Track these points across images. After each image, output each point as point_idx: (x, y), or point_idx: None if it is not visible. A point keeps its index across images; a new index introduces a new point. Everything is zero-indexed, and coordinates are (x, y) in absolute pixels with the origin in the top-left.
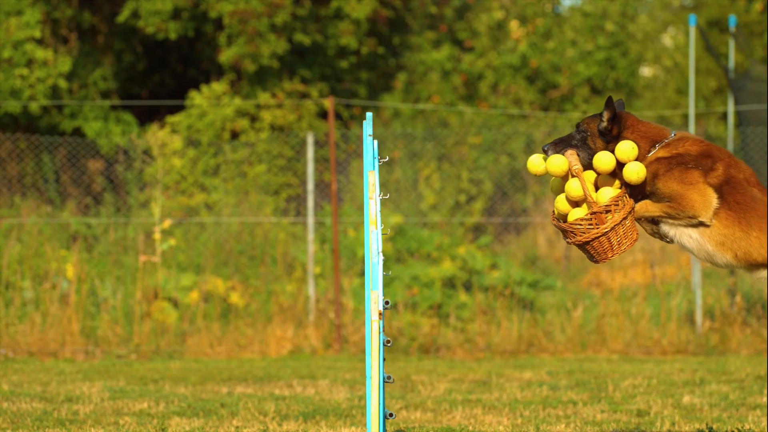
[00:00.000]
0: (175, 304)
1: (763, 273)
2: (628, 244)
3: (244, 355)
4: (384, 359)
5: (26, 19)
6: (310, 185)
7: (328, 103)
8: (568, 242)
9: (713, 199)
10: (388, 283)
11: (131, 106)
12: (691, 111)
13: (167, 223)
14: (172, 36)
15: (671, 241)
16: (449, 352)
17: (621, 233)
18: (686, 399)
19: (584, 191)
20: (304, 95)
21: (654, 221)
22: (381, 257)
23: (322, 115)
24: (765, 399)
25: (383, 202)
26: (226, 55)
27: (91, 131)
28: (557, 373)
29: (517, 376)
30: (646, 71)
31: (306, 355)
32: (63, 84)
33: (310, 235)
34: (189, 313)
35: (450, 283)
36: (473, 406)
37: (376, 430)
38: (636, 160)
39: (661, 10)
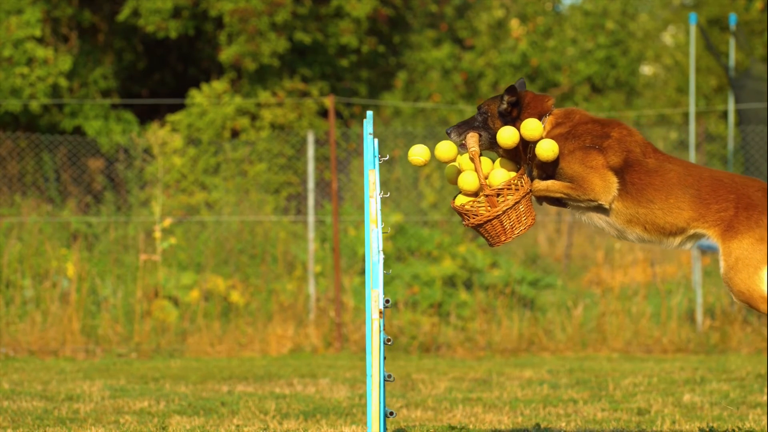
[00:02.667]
0: (175, 302)
1: (675, 240)
2: (522, 228)
3: (245, 354)
4: (384, 358)
5: (26, 18)
6: (311, 184)
7: (329, 101)
8: (464, 225)
9: (614, 185)
10: (388, 281)
11: (132, 104)
12: (692, 109)
13: (168, 222)
14: (173, 35)
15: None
16: (450, 350)
17: (514, 217)
18: (687, 397)
19: (477, 174)
20: (305, 94)
21: (558, 201)
22: (381, 256)
23: (323, 113)
24: (765, 397)
25: (384, 201)
26: (226, 54)
27: (91, 130)
28: (558, 372)
29: (518, 374)
30: (646, 70)
31: (306, 354)
32: (63, 83)
33: (311, 234)
34: (189, 311)
35: (450, 282)
36: (474, 405)
37: (376, 429)
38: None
39: (661, 9)
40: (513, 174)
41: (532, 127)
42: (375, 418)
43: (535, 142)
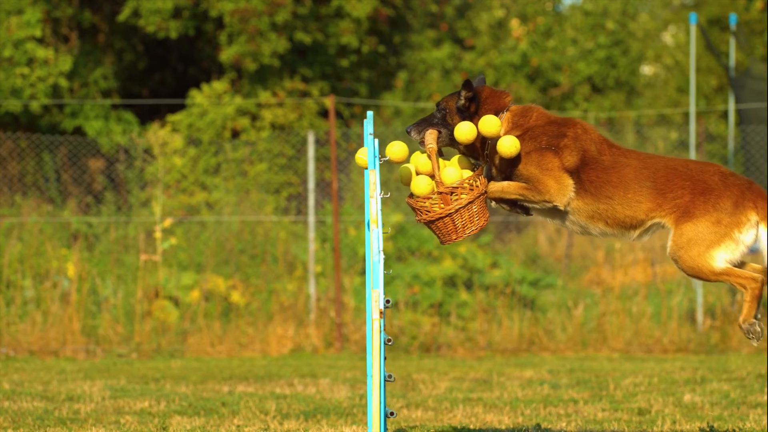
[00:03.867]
0: (176, 302)
1: (636, 232)
2: (473, 229)
3: (245, 354)
4: (385, 358)
5: (27, 18)
6: (311, 184)
7: (329, 101)
8: (416, 220)
9: (569, 187)
10: (388, 281)
11: (132, 105)
12: (692, 109)
13: (168, 222)
14: (173, 35)
15: (531, 214)
16: (450, 350)
17: (466, 217)
18: (687, 397)
19: (433, 171)
20: (305, 94)
21: (513, 204)
22: (382, 256)
23: (323, 113)
24: (766, 397)
25: (384, 201)
26: (226, 54)
27: (91, 130)
28: (558, 372)
29: (518, 374)
30: (646, 69)
31: (307, 354)
32: (64, 83)
33: (311, 234)
34: (190, 311)
35: (451, 282)
36: (474, 405)
37: (377, 429)
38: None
39: (661, 9)
40: (468, 173)
41: (489, 123)
42: (375, 418)
43: (493, 140)
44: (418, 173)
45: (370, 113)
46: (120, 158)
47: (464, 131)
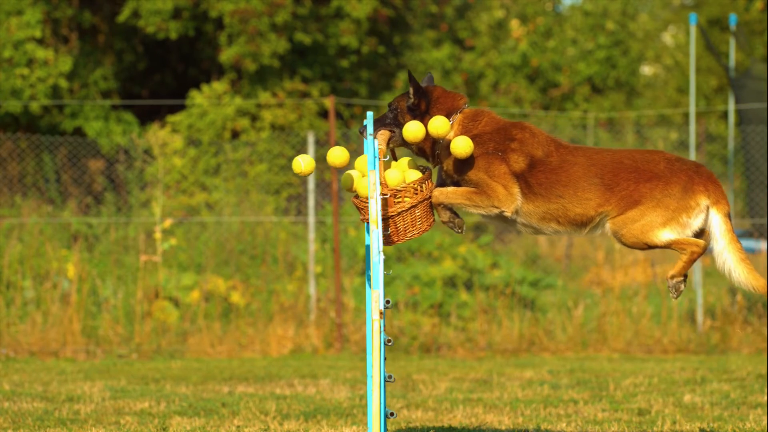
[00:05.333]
0: (176, 303)
1: (587, 228)
2: (415, 232)
3: (245, 355)
4: (385, 358)
5: (27, 19)
6: (311, 184)
7: (329, 102)
8: (360, 219)
9: (516, 194)
10: (389, 282)
11: (132, 105)
12: (692, 110)
13: (168, 223)
14: (173, 35)
15: (461, 231)
16: (450, 351)
17: (408, 220)
18: (687, 398)
19: (379, 171)
20: (305, 94)
21: (452, 209)
22: (382, 256)
23: (323, 114)
24: (766, 398)
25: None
26: (226, 55)
27: (91, 131)
28: (558, 372)
29: (518, 375)
30: (646, 70)
31: (307, 355)
32: (64, 84)
33: (311, 235)
34: (190, 312)
35: (451, 282)
36: (474, 405)
37: (377, 429)
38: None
39: (661, 9)
40: (418, 174)
41: (437, 124)
42: (375, 418)
43: (443, 141)
44: (363, 174)
45: (370, 114)
46: (120, 159)
47: (412, 131)
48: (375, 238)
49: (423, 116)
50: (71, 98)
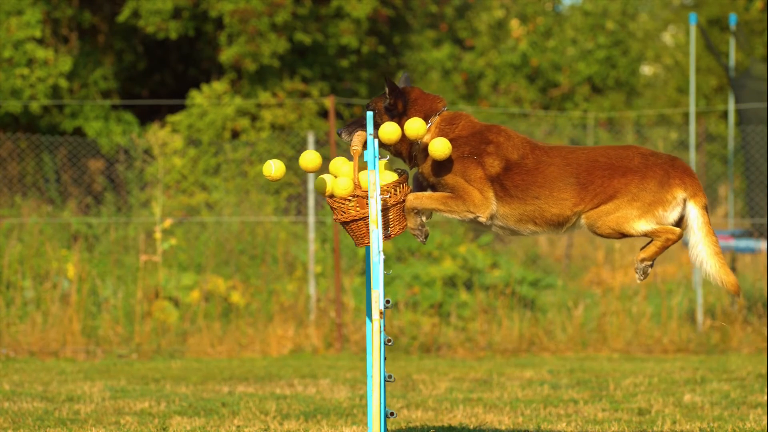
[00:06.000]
0: (176, 303)
1: (564, 227)
2: (386, 234)
3: (245, 355)
4: (385, 358)
5: (27, 19)
6: (311, 184)
7: (329, 102)
8: (333, 219)
9: (491, 199)
10: (389, 282)
11: (132, 105)
12: (692, 109)
13: (168, 223)
14: (173, 35)
15: (425, 241)
16: (450, 351)
17: (381, 222)
18: (687, 397)
19: (354, 172)
20: (305, 94)
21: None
22: (382, 256)
23: (323, 114)
24: (766, 397)
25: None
26: (226, 55)
27: (91, 131)
28: (558, 372)
29: (518, 374)
30: (646, 70)
31: (307, 355)
32: (63, 83)
33: (311, 234)
34: (190, 312)
35: (451, 282)
36: (474, 405)
37: (377, 429)
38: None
39: (661, 9)
40: (395, 176)
41: (414, 126)
42: (375, 418)
43: (421, 144)
44: (337, 176)
45: (369, 113)
46: (120, 159)
47: (387, 131)
48: (374, 237)
49: (401, 117)
50: (71, 98)
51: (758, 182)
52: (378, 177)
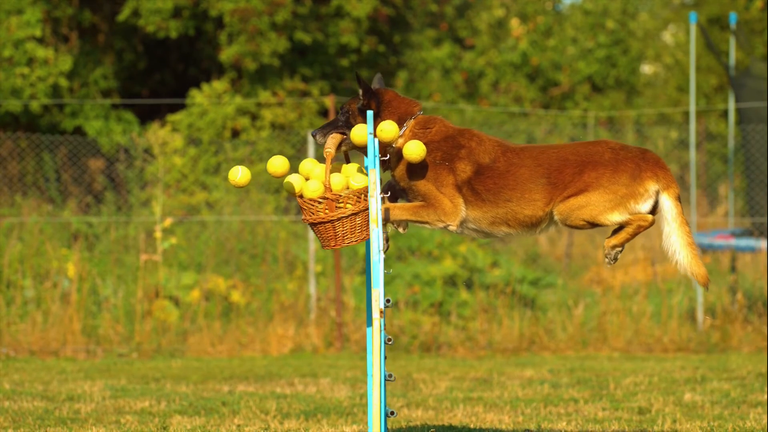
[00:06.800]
0: (176, 302)
1: (539, 228)
2: (353, 240)
3: (246, 354)
4: (385, 357)
5: (27, 18)
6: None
7: (329, 101)
8: (302, 219)
9: (461, 206)
10: (389, 281)
11: (132, 104)
12: (692, 108)
13: (168, 222)
14: (173, 35)
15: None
16: (450, 350)
17: (348, 227)
18: (687, 396)
19: (325, 175)
20: (305, 93)
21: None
22: (382, 255)
23: (323, 113)
24: (766, 396)
25: (384, 200)
26: (226, 54)
27: (92, 130)
28: (558, 371)
29: (519, 374)
30: (646, 69)
31: (307, 354)
32: (64, 83)
33: (312, 234)
34: (190, 311)
35: (451, 281)
36: (474, 404)
37: (377, 429)
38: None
39: (661, 8)
40: (365, 180)
41: (385, 128)
42: (376, 417)
43: (394, 147)
44: (308, 178)
45: (369, 112)
46: (120, 158)
47: (359, 134)
48: (375, 236)
49: (375, 118)
50: (71, 97)
51: (758, 181)
52: (378, 176)
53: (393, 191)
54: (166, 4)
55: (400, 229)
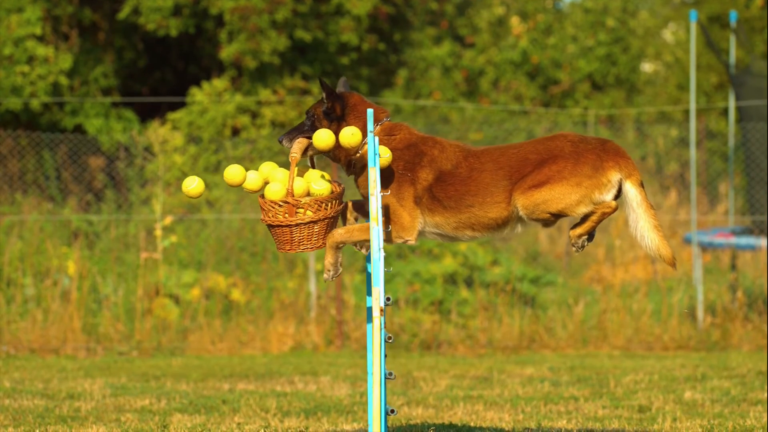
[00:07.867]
0: (176, 300)
1: (505, 229)
2: (308, 247)
3: (246, 352)
4: (385, 355)
5: (27, 16)
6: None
7: None
8: (260, 219)
9: (419, 220)
10: (389, 279)
11: (132, 103)
12: (692, 107)
13: (168, 220)
14: (173, 33)
15: (332, 279)
16: (450, 348)
17: (305, 234)
18: (688, 395)
19: (289, 179)
20: (305, 92)
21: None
22: (382, 253)
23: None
24: (766, 394)
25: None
26: (227, 52)
27: (92, 128)
28: (559, 369)
29: (519, 372)
30: (647, 67)
31: (307, 352)
32: (64, 81)
33: None
34: (190, 309)
35: (451, 279)
36: (475, 403)
37: (377, 427)
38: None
39: (661, 6)
40: (326, 186)
41: (348, 134)
42: (376, 415)
43: (359, 154)
44: (269, 181)
45: (370, 111)
46: (120, 156)
47: (321, 138)
48: (375, 235)
49: (339, 122)
50: (71, 95)
51: (758, 179)
52: (379, 176)
53: (362, 210)
54: (166, 2)
55: (363, 250)
